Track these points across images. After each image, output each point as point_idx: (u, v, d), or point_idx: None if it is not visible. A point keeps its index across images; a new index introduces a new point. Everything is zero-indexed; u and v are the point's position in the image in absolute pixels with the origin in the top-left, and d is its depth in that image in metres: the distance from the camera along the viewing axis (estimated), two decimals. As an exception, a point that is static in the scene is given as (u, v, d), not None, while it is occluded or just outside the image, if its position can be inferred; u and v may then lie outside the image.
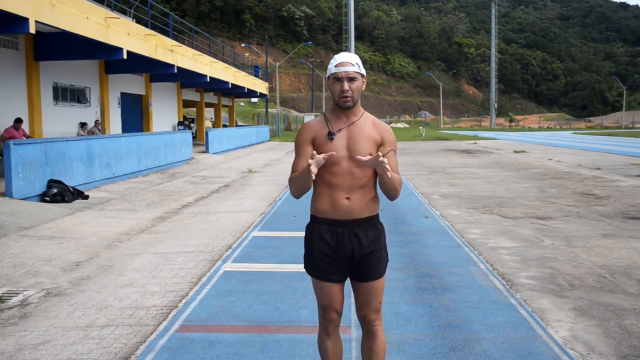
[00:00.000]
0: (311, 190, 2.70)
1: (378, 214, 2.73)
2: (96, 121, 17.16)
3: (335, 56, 2.68)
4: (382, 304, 2.80)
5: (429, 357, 3.54)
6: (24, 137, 12.44)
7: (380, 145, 2.65)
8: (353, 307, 2.90)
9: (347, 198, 2.61)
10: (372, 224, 2.68)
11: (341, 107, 2.63)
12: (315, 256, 2.67)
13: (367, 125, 2.67)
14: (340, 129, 2.63)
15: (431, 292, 4.83)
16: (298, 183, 2.59)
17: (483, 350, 3.63)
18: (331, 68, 2.63)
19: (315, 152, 2.51)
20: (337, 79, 2.60)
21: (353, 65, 2.59)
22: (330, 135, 2.62)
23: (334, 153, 2.54)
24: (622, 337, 3.87)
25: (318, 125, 2.68)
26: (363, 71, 2.64)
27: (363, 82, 2.63)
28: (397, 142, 2.78)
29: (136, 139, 14.57)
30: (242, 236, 7.20)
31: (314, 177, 2.47)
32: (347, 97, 2.59)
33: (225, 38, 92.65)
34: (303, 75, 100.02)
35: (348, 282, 2.77)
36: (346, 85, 2.58)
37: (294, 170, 2.66)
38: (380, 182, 2.58)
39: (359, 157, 2.52)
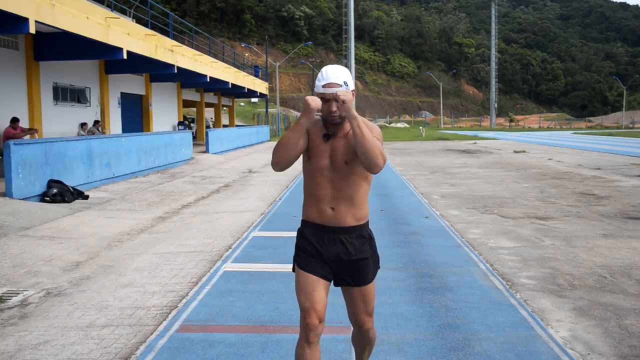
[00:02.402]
0: (302, 196, 2.71)
1: (366, 223, 2.71)
2: (96, 121, 17.13)
3: (323, 71, 2.57)
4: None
5: (429, 357, 3.54)
6: (23, 132, 12.45)
7: None
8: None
9: (332, 208, 2.61)
10: (359, 233, 2.66)
11: (329, 124, 2.58)
12: (303, 251, 2.67)
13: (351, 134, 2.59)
14: (332, 135, 2.60)
15: (431, 292, 4.83)
16: (289, 138, 2.53)
17: (483, 350, 3.63)
18: (318, 86, 2.54)
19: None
20: (324, 99, 2.53)
21: (340, 85, 2.51)
22: (326, 137, 2.59)
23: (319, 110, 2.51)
24: (622, 337, 3.87)
25: (315, 121, 2.63)
26: (352, 86, 2.55)
27: (353, 94, 2.52)
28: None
29: (136, 139, 14.57)
30: (242, 236, 7.20)
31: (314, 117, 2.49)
32: (334, 116, 2.54)
33: (225, 38, 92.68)
34: (303, 75, 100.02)
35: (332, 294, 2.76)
36: (334, 107, 2.52)
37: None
38: (354, 140, 2.47)
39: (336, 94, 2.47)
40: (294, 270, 2.73)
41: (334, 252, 2.62)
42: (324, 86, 2.52)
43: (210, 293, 4.85)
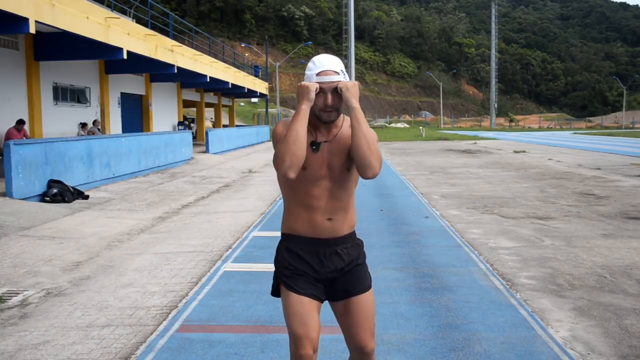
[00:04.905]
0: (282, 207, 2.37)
1: (355, 229, 2.49)
2: (94, 121, 17.12)
3: (315, 60, 2.26)
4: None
5: (429, 357, 3.54)
6: (27, 137, 12.45)
7: None
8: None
9: (330, 219, 2.31)
10: (353, 242, 2.42)
11: (322, 121, 2.26)
12: (292, 270, 2.36)
13: (347, 133, 2.28)
14: (323, 142, 2.27)
15: (431, 292, 4.83)
16: (298, 131, 2.14)
17: (483, 350, 3.63)
18: (311, 75, 2.22)
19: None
20: (320, 90, 2.21)
21: (338, 73, 2.22)
22: (315, 145, 2.24)
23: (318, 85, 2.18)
24: (622, 337, 3.87)
25: None
26: (347, 77, 2.26)
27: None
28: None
29: (136, 139, 14.57)
30: (242, 236, 7.20)
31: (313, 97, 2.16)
32: (331, 111, 2.23)
33: (225, 38, 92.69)
34: (303, 75, 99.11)
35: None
36: (330, 99, 2.20)
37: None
38: (353, 138, 2.18)
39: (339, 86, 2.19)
40: (276, 293, 2.45)
41: (332, 266, 2.34)
42: (318, 74, 2.20)
43: (210, 293, 4.85)
